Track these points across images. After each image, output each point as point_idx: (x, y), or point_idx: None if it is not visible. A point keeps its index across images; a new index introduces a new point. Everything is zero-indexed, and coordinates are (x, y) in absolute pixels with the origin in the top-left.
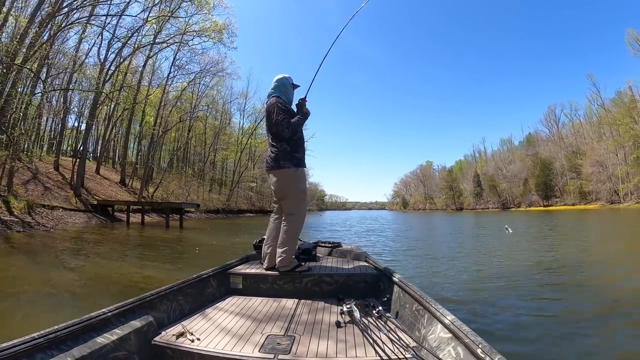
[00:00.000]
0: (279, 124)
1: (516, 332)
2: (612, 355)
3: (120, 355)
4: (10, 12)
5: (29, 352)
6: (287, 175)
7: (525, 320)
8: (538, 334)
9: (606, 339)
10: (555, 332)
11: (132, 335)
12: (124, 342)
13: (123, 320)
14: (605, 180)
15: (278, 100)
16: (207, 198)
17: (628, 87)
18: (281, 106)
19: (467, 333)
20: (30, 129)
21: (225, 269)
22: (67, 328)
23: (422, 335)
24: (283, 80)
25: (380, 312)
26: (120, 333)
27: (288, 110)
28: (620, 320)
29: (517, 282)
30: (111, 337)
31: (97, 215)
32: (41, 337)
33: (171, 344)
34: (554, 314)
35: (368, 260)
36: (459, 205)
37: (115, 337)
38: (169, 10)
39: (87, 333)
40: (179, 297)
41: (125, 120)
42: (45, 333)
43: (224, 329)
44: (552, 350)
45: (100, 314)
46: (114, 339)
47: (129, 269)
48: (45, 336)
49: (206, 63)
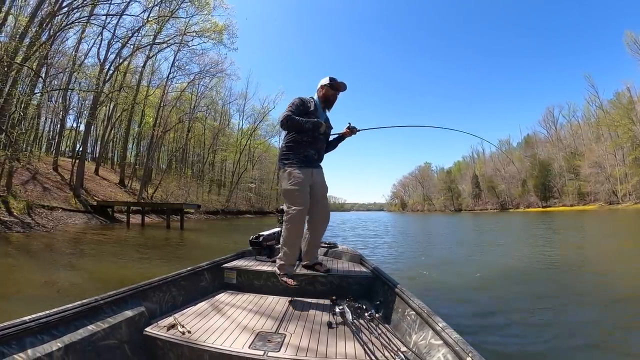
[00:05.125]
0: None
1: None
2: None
3: (110, 344)
4: (10, 11)
5: (19, 335)
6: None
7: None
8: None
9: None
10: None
11: (123, 325)
12: (115, 331)
13: (115, 309)
14: (604, 181)
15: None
16: (206, 199)
17: (626, 89)
18: (296, 101)
19: (457, 341)
20: (30, 129)
21: (219, 263)
22: (58, 313)
23: (413, 340)
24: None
25: (372, 315)
26: (111, 321)
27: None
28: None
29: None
30: (102, 325)
31: (97, 216)
32: (32, 321)
33: (162, 335)
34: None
35: (363, 262)
36: (457, 207)
37: (106, 325)
38: (169, 10)
39: (79, 320)
40: (172, 289)
41: (124, 121)
42: (36, 317)
43: (215, 323)
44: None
45: (92, 302)
46: (105, 327)
47: (138, 271)
48: (36, 320)
49: (206, 64)
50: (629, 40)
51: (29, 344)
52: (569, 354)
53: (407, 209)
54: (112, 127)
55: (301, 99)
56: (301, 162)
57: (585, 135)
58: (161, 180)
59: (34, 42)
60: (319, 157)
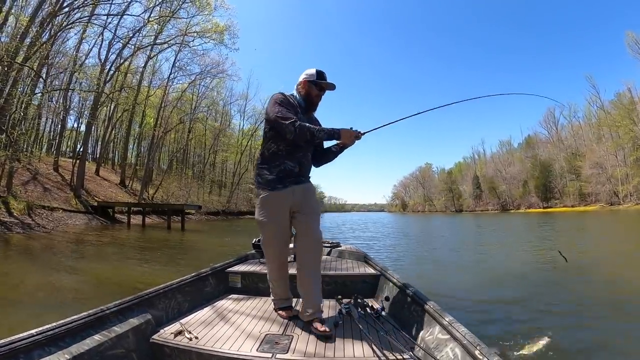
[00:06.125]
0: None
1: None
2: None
3: (118, 353)
4: (11, 11)
5: (28, 348)
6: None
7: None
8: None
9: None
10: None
11: (130, 333)
12: (122, 340)
13: (121, 318)
14: (605, 182)
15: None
16: (207, 200)
17: (627, 89)
18: (282, 98)
19: (464, 334)
20: (30, 129)
21: (223, 268)
22: (65, 325)
23: (420, 336)
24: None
25: (378, 313)
26: (118, 331)
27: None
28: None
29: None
30: (109, 335)
31: (98, 217)
32: (39, 334)
33: (169, 342)
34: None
35: (367, 261)
36: (458, 207)
37: (113, 334)
38: (170, 10)
39: (85, 330)
40: (177, 296)
41: (125, 122)
42: (43, 330)
43: (222, 328)
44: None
45: (99, 312)
46: (112, 336)
47: (140, 273)
48: (44, 333)
49: (207, 64)
50: (630, 41)
51: (37, 357)
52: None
53: (407, 210)
54: (113, 128)
55: (286, 97)
56: (276, 181)
57: (586, 135)
58: (162, 181)
59: (34, 42)
60: (301, 171)
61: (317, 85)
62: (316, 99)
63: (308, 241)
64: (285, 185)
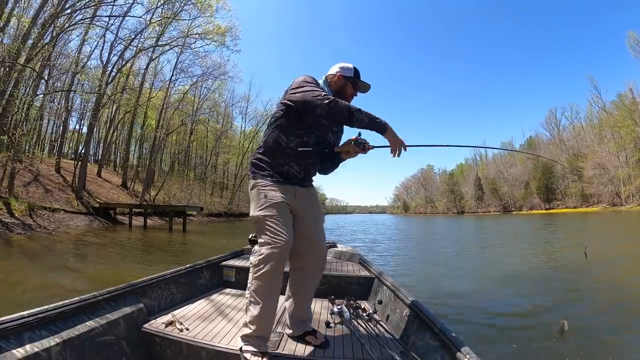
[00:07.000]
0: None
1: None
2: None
3: (108, 340)
4: (13, 12)
5: (18, 330)
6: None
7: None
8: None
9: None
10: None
11: (121, 321)
12: (113, 327)
13: (113, 305)
14: (607, 183)
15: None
16: (208, 201)
17: (629, 90)
18: (313, 81)
19: (455, 342)
20: (32, 131)
21: (218, 261)
22: (57, 309)
23: (411, 341)
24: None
25: (370, 315)
26: (110, 318)
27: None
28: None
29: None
30: (100, 321)
31: (99, 218)
32: (30, 316)
33: (160, 332)
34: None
35: (362, 263)
36: (460, 209)
37: (104, 321)
38: (172, 12)
39: (77, 315)
40: (170, 286)
41: (127, 123)
42: (34, 312)
43: (214, 321)
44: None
45: (91, 297)
46: (103, 323)
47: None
48: (35, 315)
49: (208, 66)
50: (632, 42)
51: (27, 339)
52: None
53: (409, 212)
54: (115, 129)
55: (316, 80)
56: (277, 175)
57: (588, 136)
58: (164, 183)
59: (36, 44)
60: (305, 176)
61: (353, 84)
62: (350, 98)
63: (313, 252)
64: (288, 182)
